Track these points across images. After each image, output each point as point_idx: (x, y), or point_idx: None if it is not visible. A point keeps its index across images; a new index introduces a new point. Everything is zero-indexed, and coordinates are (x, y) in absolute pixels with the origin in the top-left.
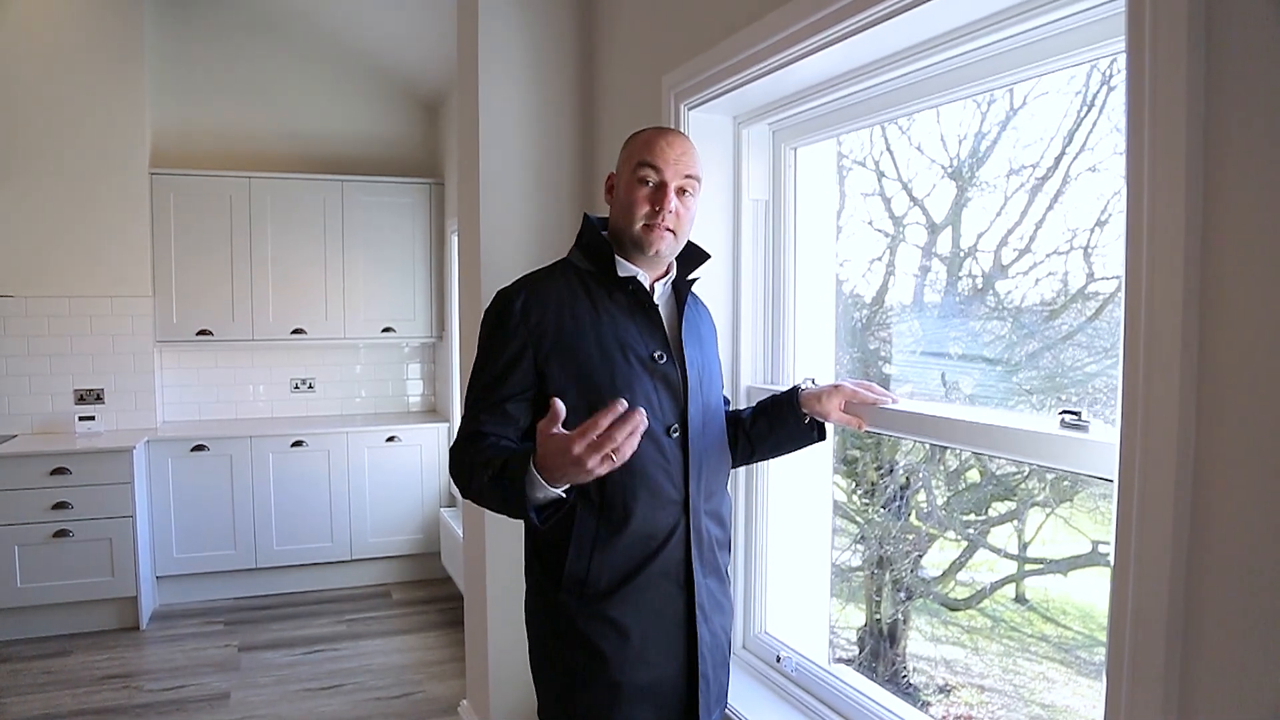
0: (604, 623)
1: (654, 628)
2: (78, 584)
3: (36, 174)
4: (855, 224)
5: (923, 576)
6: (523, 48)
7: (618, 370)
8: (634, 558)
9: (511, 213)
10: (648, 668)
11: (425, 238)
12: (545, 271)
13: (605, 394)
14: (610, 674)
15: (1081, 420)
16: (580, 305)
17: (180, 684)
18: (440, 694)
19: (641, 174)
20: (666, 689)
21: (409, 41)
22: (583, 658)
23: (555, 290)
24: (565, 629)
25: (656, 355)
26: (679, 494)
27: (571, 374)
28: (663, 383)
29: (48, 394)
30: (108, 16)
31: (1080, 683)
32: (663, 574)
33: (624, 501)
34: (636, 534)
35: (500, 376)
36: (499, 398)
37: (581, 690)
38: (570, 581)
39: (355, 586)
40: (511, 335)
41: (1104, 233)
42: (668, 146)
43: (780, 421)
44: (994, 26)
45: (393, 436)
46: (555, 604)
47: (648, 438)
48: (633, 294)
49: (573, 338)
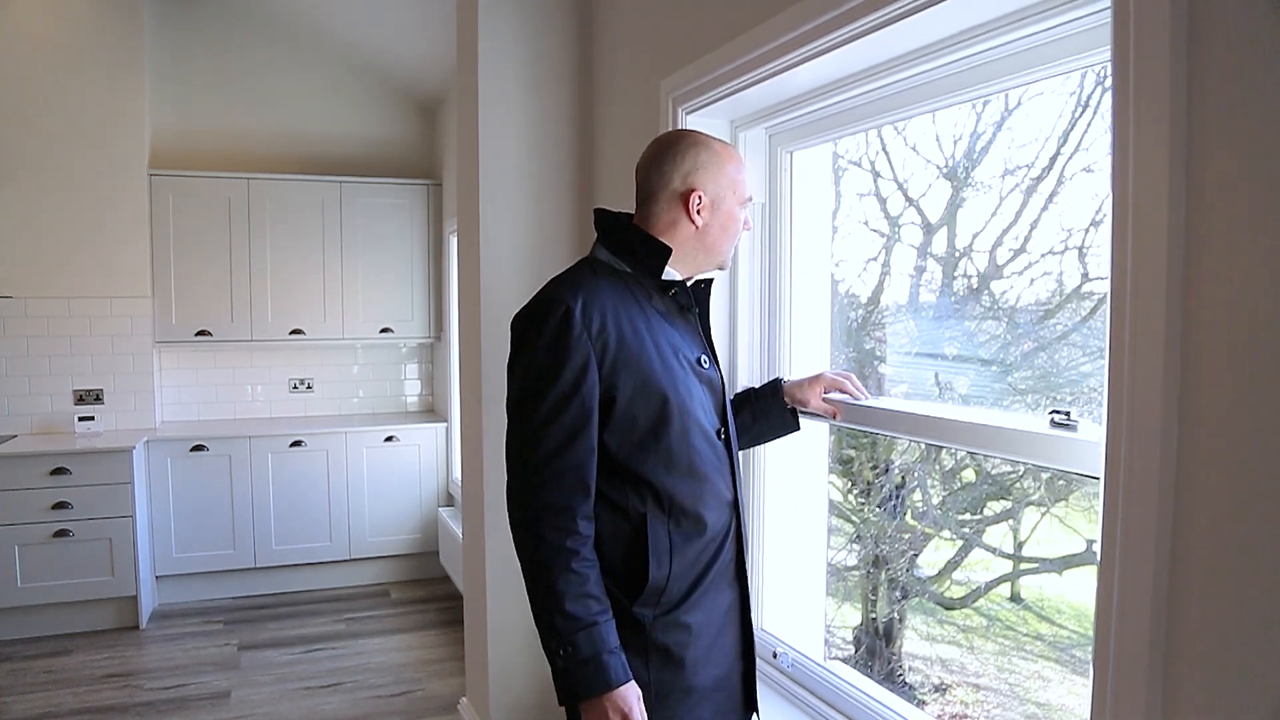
0: (680, 629)
1: (716, 627)
2: (78, 583)
3: (36, 175)
4: (851, 224)
5: (918, 575)
6: (522, 51)
7: (676, 377)
8: (702, 561)
9: (511, 214)
10: (713, 666)
11: (423, 239)
12: (586, 271)
13: (669, 402)
14: (686, 679)
15: (1070, 420)
16: (632, 309)
17: (180, 683)
18: (440, 692)
19: (744, 203)
20: (726, 685)
21: (407, 44)
22: (658, 668)
23: (607, 292)
24: (641, 643)
25: (702, 360)
26: (731, 494)
27: (638, 385)
28: (708, 386)
29: (47, 394)
30: (108, 18)
31: (1075, 681)
32: (721, 574)
33: (695, 508)
34: (707, 538)
35: (568, 398)
36: (575, 426)
37: (658, 702)
38: (651, 593)
39: (354, 586)
40: (575, 345)
41: (1098, 233)
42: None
43: (764, 412)
44: (988, 34)
45: (391, 436)
46: (626, 620)
47: (706, 442)
48: (673, 298)
49: (634, 345)
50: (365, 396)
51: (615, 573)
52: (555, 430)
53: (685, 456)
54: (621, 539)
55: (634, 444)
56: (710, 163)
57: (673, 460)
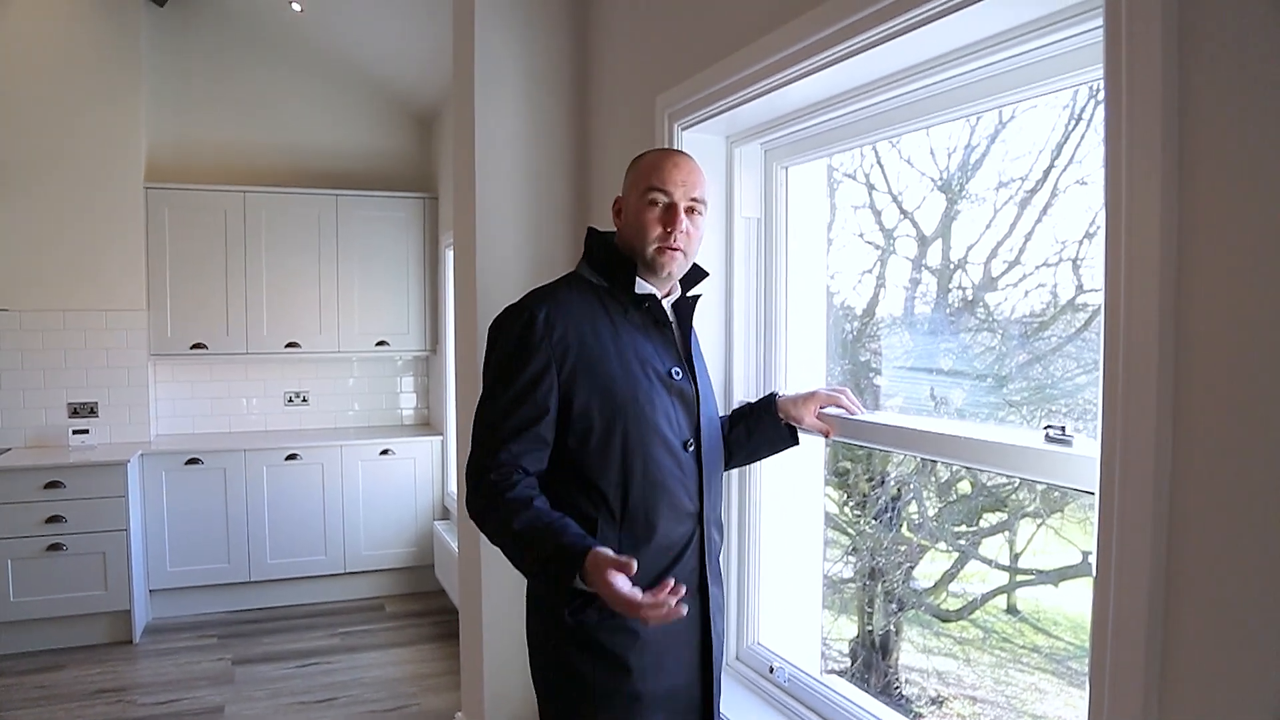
0: (626, 634)
1: (672, 637)
2: (71, 598)
3: (31, 187)
4: (846, 236)
5: (914, 588)
6: (518, 66)
7: (640, 387)
8: (655, 569)
9: (507, 228)
10: (666, 676)
11: (419, 252)
12: (562, 284)
13: (626, 410)
14: (633, 685)
15: (1066, 434)
16: (600, 320)
17: (174, 698)
18: (435, 706)
19: (651, 197)
20: (682, 696)
21: (404, 57)
22: (604, 671)
23: (575, 303)
24: (586, 643)
25: (674, 371)
26: (694, 506)
27: (596, 391)
28: (679, 398)
29: (41, 407)
30: (104, 30)
31: (1072, 693)
32: (680, 584)
33: (646, 515)
34: (658, 546)
35: (524, 395)
36: (526, 419)
37: (603, 704)
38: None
39: (349, 599)
40: (535, 351)
41: (1092, 245)
42: (674, 169)
43: (758, 427)
44: (983, 52)
45: (386, 449)
46: (574, 619)
47: (667, 452)
48: (648, 311)
49: (596, 354)
50: (361, 410)
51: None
52: (508, 425)
53: (640, 465)
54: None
55: (590, 449)
56: (628, 172)
57: (627, 468)
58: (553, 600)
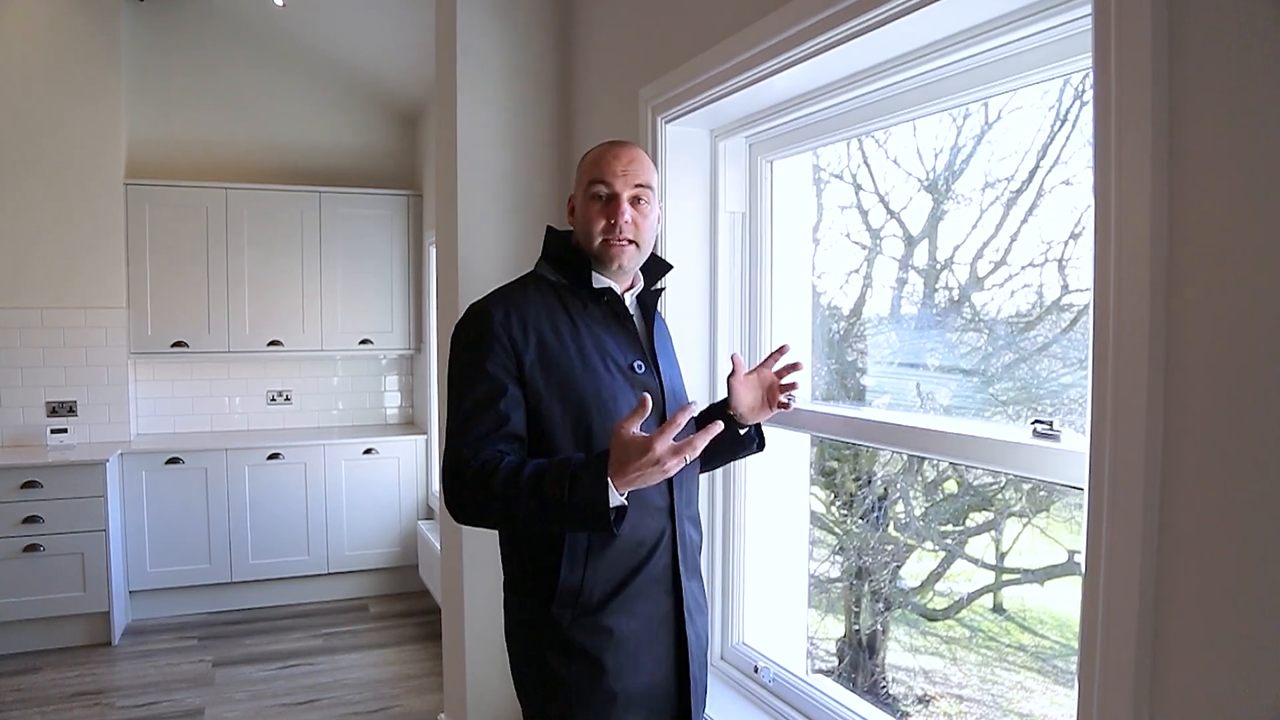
0: (600, 633)
1: (647, 634)
2: (48, 599)
3: (9, 184)
4: (833, 236)
5: (901, 587)
6: (501, 61)
7: (601, 381)
8: (626, 566)
9: (489, 225)
10: (643, 674)
11: (403, 249)
12: (518, 284)
13: (590, 406)
14: (608, 683)
15: (1053, 430)
16: (559, 317)
17: (153, 700)
18: (418, 708)
19: (594, 190)
20: (659, 693)
21: (387, 53)
22: (579, 670)
23: (532, 303)
24: (560, 642)
25: (636, 365)
26: (664, 501)
27: (555, 386)
28: (642, 391)
29: (19, 406)
30: (84, 25)
31: (1057, 691)
32: (653, 580)
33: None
34: (628, 542)
35: (490, 393)
36: (497, 415)
37: (579, 703)
38: (565, 594)
39: (332, 600)
40: (493, 349)
41: (1078, 245)
42: (614, 159)
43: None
44: (967, 42)
45: (370, 449)
46: (547, 618)
47: None
48: (607, 305)
49: (555, 350)
50: (344, 409)
51: (533, 573)
52: (478, 428)
53: None
54: (541, 539)
55: (555, 445)
56: (577, 168)
57: None
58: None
